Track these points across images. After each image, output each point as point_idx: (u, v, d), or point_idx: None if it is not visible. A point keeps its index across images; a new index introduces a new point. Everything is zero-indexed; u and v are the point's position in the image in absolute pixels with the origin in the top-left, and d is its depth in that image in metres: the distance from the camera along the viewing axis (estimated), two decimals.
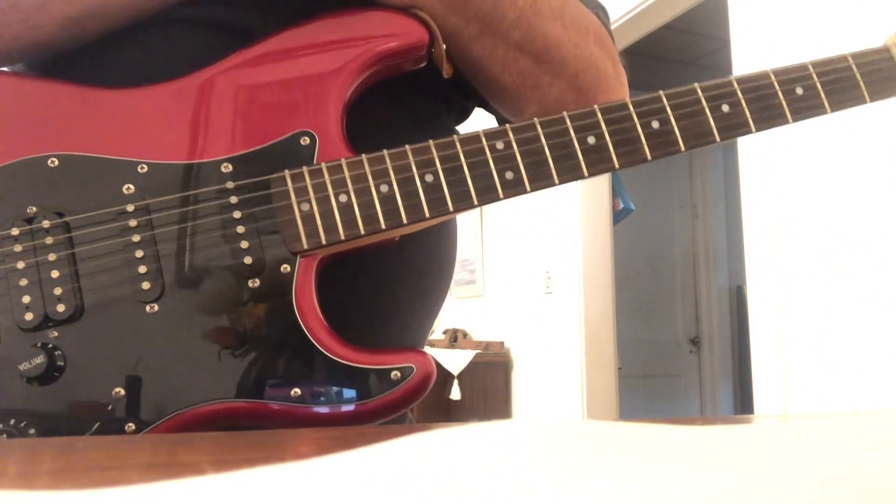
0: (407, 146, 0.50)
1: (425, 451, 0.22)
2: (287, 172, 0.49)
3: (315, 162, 0.50)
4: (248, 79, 0.52)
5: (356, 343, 0.51)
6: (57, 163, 0.50)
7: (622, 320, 3.18)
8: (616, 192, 3.22)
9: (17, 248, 0.48)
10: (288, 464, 0.19)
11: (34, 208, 0.48)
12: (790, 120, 0.54)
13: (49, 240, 0.48)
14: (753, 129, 0.53)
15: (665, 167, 4.35)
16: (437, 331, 3.56)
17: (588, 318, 2.90)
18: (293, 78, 0.52)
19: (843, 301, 1.72)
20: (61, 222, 0.48)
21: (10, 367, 0.45)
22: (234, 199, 0.49)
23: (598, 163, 0.51)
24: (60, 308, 0.47)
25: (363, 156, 0.49)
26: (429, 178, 0.49)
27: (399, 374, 0.47)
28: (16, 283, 0.47)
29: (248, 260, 0.48)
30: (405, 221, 0.49)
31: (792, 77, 0.55)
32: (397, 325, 0.61)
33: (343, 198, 0.49)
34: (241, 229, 0.48)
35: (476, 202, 0.50)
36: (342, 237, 0.48)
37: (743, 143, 2.07)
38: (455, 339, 3.45)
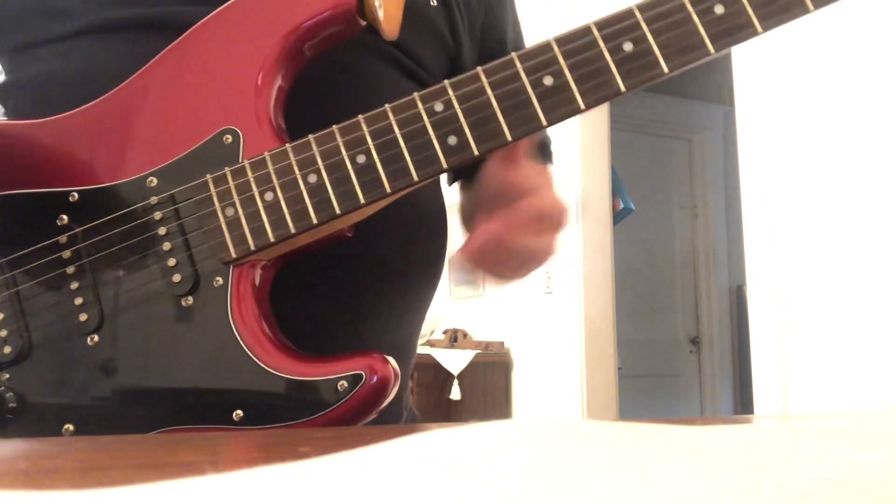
0: (334, 126, 0.44)
1: (425, 451, 0.22)
2: (209, 177, 0.45)
3: (241, 160, 0.46)
4: (166, 84, 0.49)
5: (320, 352, 0.47)
6: None
7: (622, 320, 3.18)
8: (616, 192, 3.22)
9: None
10: (288, 464, 0.19)
11: None
12: (811, 7, 0.41)
13: None
14: (760, 29, 0.42)
15: (665, 167, 4.35)
16: (437, 331, 3.56)
17: (588, 318, 2.90)
18: (210, 75, 0.48)
19: (843, 301, 1.72)
20: (2, 262, 0.47)
21: None
22: (157, 215, 0.46)
23: (557, 106, 0.43)
24: (7, 350, 0.47)
25: (287, 145, 0.45)
26: (360, 158, 0.44)
27: (346, 384, 0.42)
28: None
29: (176, 278, 0.45)
30: (338, 212, 0.44)
31: None
32: (368, 328, 0.57)
33: (269, 196, 0.44)
34: (167, 246, 0.46)
35: (416, 178, 0.43)
36: (272, 239, 0.44)
37: (743, 143, 2.07)
38: (455, 339, 3.44)
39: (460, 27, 0.62)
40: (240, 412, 0.43)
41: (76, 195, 0.47)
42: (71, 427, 0.45)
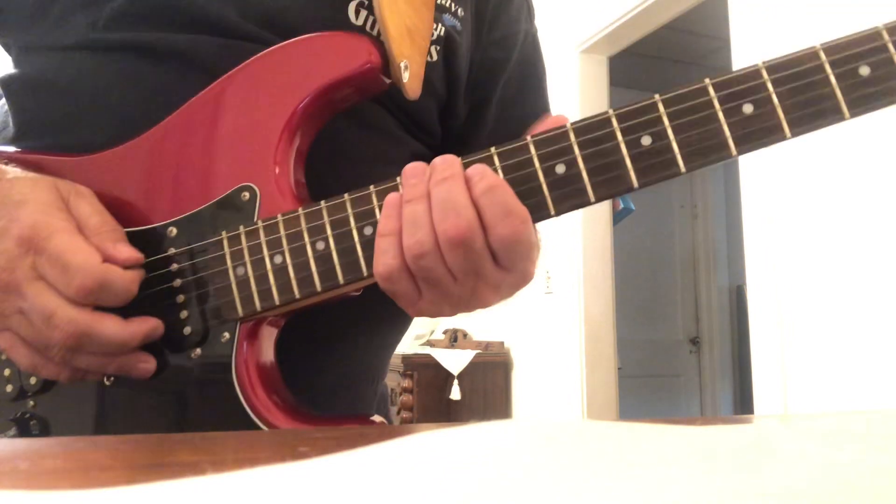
0: (346, 195, 0.45)
1: (425, 451, 0.22)
2: (224, 235, 0.46)
3: (256, 218, 0.47)
4: (191, 134, 0.49)
5: (327, 377, 0.49)
6: None
7: (622, 320, 3.18)
8: None
9: None
10: (288, 464, 0.19)
11: None
12: (846, 115, 0.38)
13: None
14: (788, 135, 0.39)
15: None
16: (437, 331, 3.56)
17: (588, 318, 2.90)
18: (233, 129, 0.49)
19: (842, 301, 1.72)
20: None
21: None
22: (174, 267, 0.47)
23: (568, 198, 0.42)
24: (32, 381, 0.49)
25: (300, 210, 0.46)
26: (368, 230, 0.44)
27: None
28: None
29: (187, 330, 0.46)
30: (341, 282, 0.44)
31: (854, 52, 0.38)
32: (358, 362, 0.60)
33: (278, 259, 0.45)
34: (180, 298, 0.47)
35: None
36: (277, 303, 0.45)
37: None
38: (455, 339, 3.44)
39: (459, 81, 0.62)
40: None
41: None
42: None
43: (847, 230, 1.72)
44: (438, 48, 0.58)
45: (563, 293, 3.00)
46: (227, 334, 0.46)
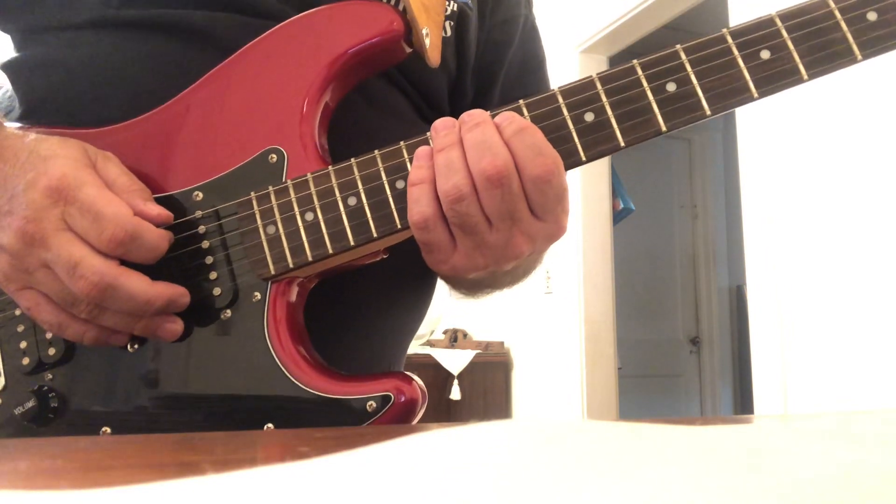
0: (376, 151, 0.46)
1: (425, 451, 0.22)
2: (253, 195, 0.46)
3: (284, 179, 0.47)
4: (215, 102, 0.50)
5: (345, 358, 0.48)
6: None
7: (622, 320, 3.18)
8: (616, 192, 3.22)
9: None
10: (288, 464, 0.19)
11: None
12: (858, 56, 0.41)
13: None
14: (805, 76, 0.41)
15: (665, 167, 4.34)
16: (437, 331, 3.56)
17: (588, 318, 2.90)
18: (258, 95, 0.49)
19: (843, 301, 1.72)
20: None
21: (10, 410, 0.47)
22: (202, 229, 0.47)
23: (598, 143, 0.43)
24: (51, 352, 0.48)
25: (330, 168, 0.46)
26: (399, 184, 0.44)
27: (374, 405, 0.43)
28: (14, 330, 0.49)
29: (216, 291, 0.46)
30: (375, 235, 0.45)
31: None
32: (378, 347, 0.59)
33: (309, 216, 0.45)
34: (209, 259, 0.47)
35: None
36: (310, 258, 0.45)
37: (743, 142, 2.07)
38: (455, 339, 3.44)
39: (468, 59, 0.63)
40: (270, 425, 0.44)
41: None
42: (108, 430, 0.46)
43: (847, 230, 1.72)
44: (452, 23, 0.59)
45: (563, 293, 3.00)
46: (258, 294, 0.46)
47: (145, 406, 0.47)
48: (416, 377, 0.45)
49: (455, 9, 0.59)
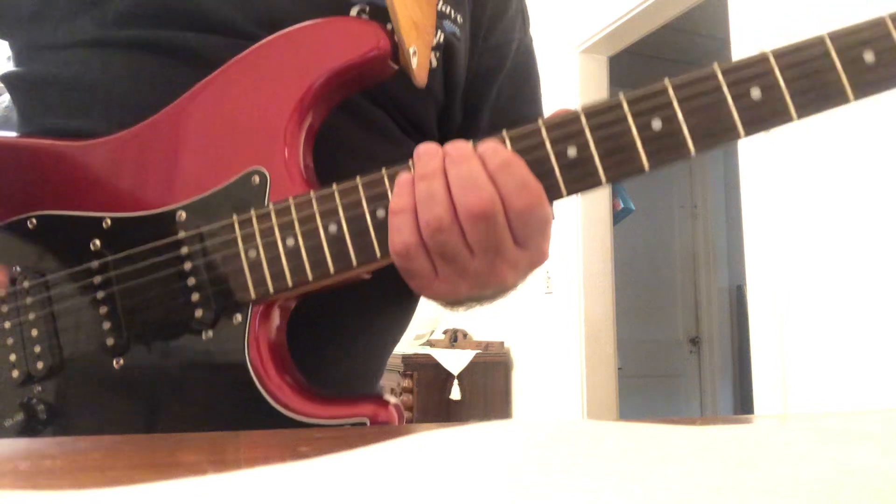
0: (358, 178, 0.45)
1: (425, 451, 0.22)
2: (235, 218, 0.46)
3: (266, 202, 0.46)
4: (199, 119, 0.49)
5: (326, 371, 0.48)
6: (35, 223, 0.50)
7: (622, 320, 3.17)
8: (616, 192, 3.22)
9: (3, 308, 0.49)
10: (288, 464, 0.19)
11: (17, 269, 0.50)
12: (851, 99, 0.39)
13: (28, 300, 0.49)
14: (795, 117, 0.40)
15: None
16: (437, 331, 3.56)
17: (588, 318, 2.90)
18: (242, 113, 0.49)
19: (842, 301, 1.72)
20: (40, 282, 0.49)
21: (1, 422, 0.48)
22: (184, 250, 0.47)
23: (580, 179, 0.42)
24: (39, 365, 0.48)
25: (312, 193, 0.45)
26: (380, 213, 0.44)
27: None
28: (3, 343, 0.49)
29: (198, 313, 0.46)
30: (354, 265, 0.44)
31: (858, 38, 0.40)
32: (359, 362, 0.59)
33: (290, 242, 0.45)
34: (191, 281, 0.47)
35: None
36: (290, 285, 0.45)
37: (743, 142, 2.06)
38: (455, 339, 3.44)
39: (457, 87, 0.62)
40: None
41: (109, 221, 0.49)
42: None
43: (847, 230, 1.72)
44: (438, 54, 0.58)
45: (563, 293, 3.00)
46: (238, 316, 0.46)
47: (130, 420, 0.48)
48: (393, 399, 0.45)
49: (442, 40, 0.58)
